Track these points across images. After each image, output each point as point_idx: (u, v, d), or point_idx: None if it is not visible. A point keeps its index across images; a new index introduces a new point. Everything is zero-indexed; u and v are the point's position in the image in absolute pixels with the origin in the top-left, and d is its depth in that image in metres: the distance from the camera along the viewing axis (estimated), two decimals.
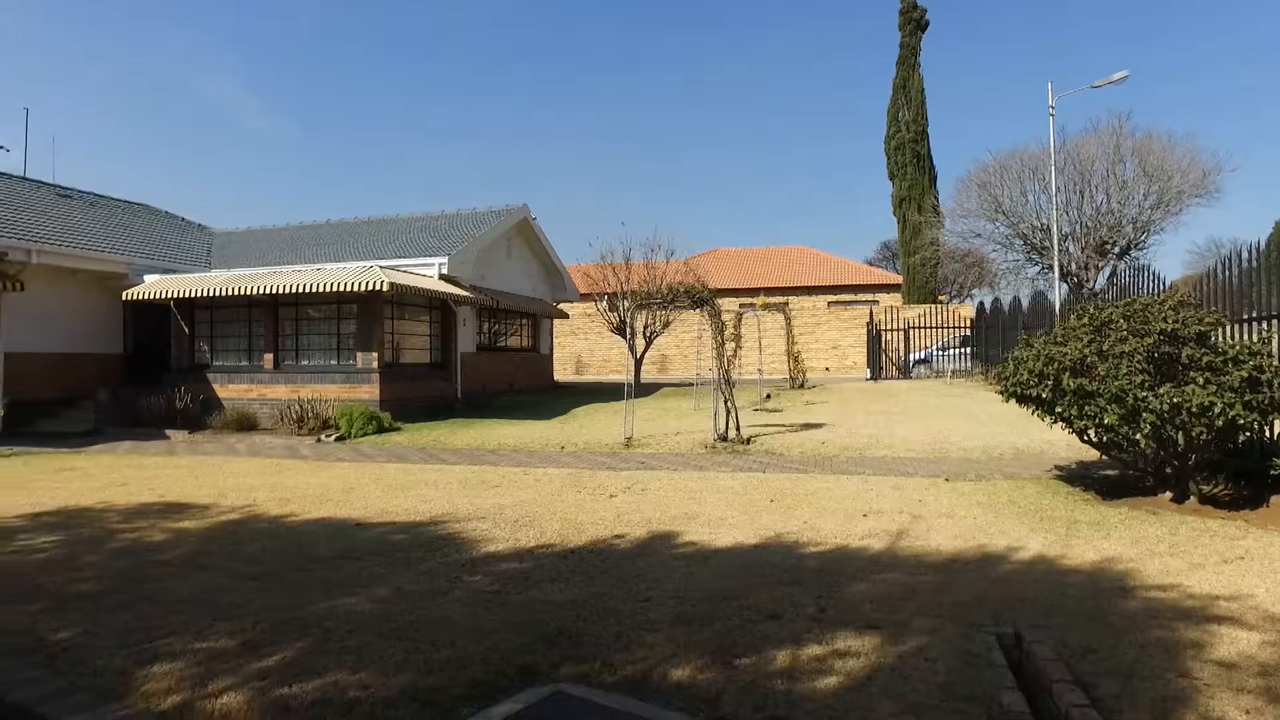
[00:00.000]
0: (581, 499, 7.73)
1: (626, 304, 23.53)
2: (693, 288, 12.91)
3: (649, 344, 26.62)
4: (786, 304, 33.35)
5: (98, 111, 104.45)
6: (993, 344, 23.39)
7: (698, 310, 12.95)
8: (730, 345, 14.69)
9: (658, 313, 23.74)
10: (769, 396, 19.02)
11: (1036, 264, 29.70)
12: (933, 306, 30.12)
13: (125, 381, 17.54)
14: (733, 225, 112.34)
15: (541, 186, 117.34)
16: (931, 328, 27.73)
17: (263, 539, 6.26)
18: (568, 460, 10.78)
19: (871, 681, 3.29)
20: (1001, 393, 7.85)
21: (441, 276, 17.39)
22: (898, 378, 26.96)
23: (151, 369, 17.44)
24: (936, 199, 35.58)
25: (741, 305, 25.86)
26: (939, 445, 10.99)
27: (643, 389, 20.65)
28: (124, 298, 16.75)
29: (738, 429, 12.03)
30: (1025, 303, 23.53)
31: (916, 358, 27.92)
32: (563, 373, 32.48)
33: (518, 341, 23.43)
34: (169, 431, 15.19)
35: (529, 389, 22.76)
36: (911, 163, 36.04)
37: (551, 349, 26.47)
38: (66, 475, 10.19)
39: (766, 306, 23.89)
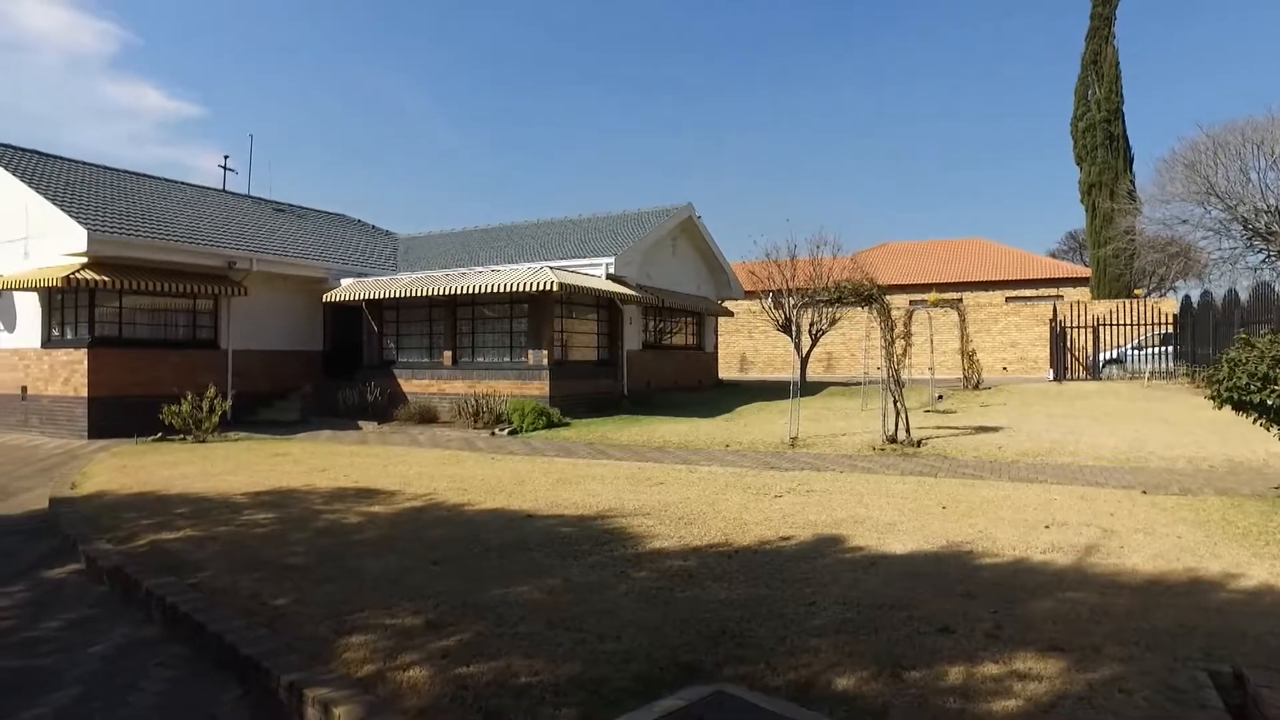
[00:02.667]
0: (746, 498, 7.70)
1: (792, 301, 23.21)
2: (860, 284, 12.52)
3: (815, 342, 26.11)
4: (960, 300, 31.69)
5: (306, 130, 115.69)
6: (1201, 343, 21.09)
7: (865, 308, 12.57)
8: (900, 344, 14.10)
9: (824, 310, 23.21)
10: (941, 397, 18.14)
11: (1260, 252, 26.06)
12: (1127, 301, 27.42)
13: (325, 376, 19.35)
14: (902, 220, 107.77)
15: (706, 183, 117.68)
16: (1125, 325, 25.38)
17: (442, 526, 6.70)
18: (732, 459, 10.78)
19: (1056, 709, 3.06)
20: (1213, 398, 7.08)
21: (608, 276, 17.87)
22: (1085, 379, 24.87)
23: (345, 365, 19.13)
24: (1132, 183, 32.26)
25: (912, 302, 24.78)
26: (1134, 454, 10.06)
27: (808, 388, 20.25)
28: (324, 299, 18.53)
29: (908, 430, 11.57)
30: (1244, 296, 20.96)
31: (1107, 357, 25.61)
32: (727, 370, 32.45)
33: (682, 339, 23.66)
34: (361, 422, 16.60)
35: (693, 387, 22.95)
36: (1103, 144, 32.94)
37: (716, 347, 26.52)
38: (279, 459, 11.38)
39: (938, 303, 22.73)
